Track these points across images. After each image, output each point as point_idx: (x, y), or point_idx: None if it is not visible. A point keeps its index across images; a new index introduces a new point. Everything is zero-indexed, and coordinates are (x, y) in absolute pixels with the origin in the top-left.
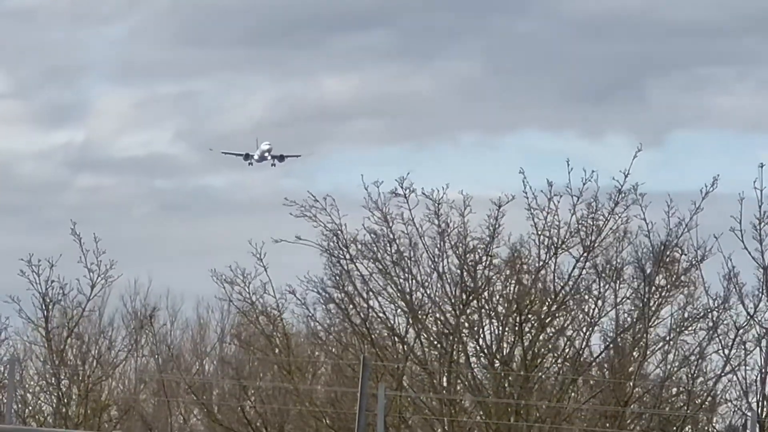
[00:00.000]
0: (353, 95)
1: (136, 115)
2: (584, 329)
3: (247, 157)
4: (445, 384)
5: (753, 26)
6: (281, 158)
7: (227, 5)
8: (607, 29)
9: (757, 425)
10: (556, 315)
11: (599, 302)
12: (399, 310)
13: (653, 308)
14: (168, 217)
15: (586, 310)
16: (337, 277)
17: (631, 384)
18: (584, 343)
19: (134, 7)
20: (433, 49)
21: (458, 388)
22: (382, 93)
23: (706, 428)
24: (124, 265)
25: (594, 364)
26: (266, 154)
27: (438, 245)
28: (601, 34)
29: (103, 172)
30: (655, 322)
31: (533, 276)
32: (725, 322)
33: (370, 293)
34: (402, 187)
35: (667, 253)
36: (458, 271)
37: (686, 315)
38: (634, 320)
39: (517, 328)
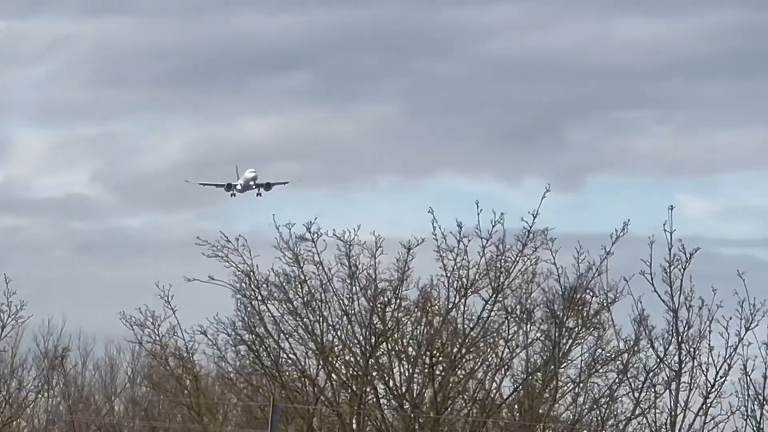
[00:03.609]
0: (273, 138)
1: (54, 156)
2: (494, 371)
3: (229, 187)
4: (354, 426)
5: (673, 71)
6: (268, 186)
7: (147, 48)
8: (527, 73)
9: None
10: (467, 357)
11: (509, 344)
12: (309, 351)
13: (563, 350)
14: (84, 259)
15: (497, 352)
16: (248, 319)
17: (542, 426)
18: (494, 385)
19: (54, 49)
20: (354, 92)
21: (368, 429)
22: (302, 135)
23: None
24: (38, 306)
25: (504, 405)
26: (251, 183)
27: (348, 287)
28: (522, 78)
29: (21, 213)
30: (566, 364)
31: (443, 318)
32: (635, 364)
33: (281, 335)
34: (310, 232)
35: (577, 296)
36: (367, 314)
37: (596, 357)
38: (545, 362)
39: (427, 371)
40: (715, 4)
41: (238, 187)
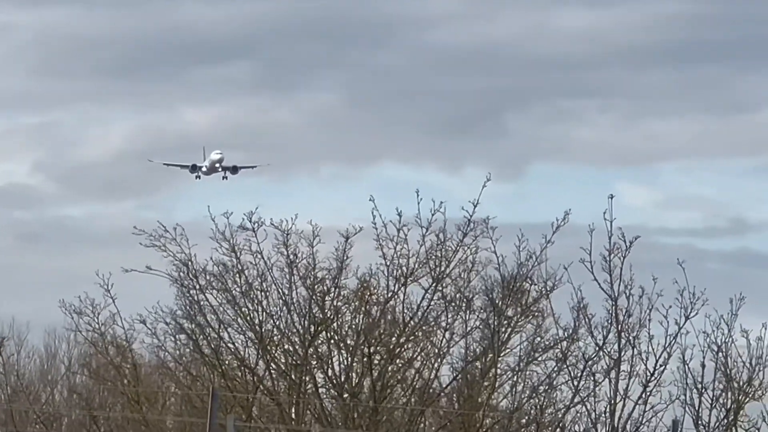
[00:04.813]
0: (214, 127)
1: None
2: (433, 360)
3: (193, 169)
4: (294, 415)
5: (615, 59)
6: (234, 170)
7: (88, 37)
8: (468, 62)
9: None
10: (405, 346)
11: (448, 333)
12: (249, 341)
13: (502, 338)
14: (25, 248)
15: (435, 341)
16: (187, 308)
17: (481, 415)
18: (433, 374)
19: None
20: (294, 81)
21: (307, 418)
22: (243, 125)
23: None
24: None
25: (443, 394)
26: (217, 165)
27: (286, 276)
28: (463, 67)
29: None
30: (505, 353)
31: (382, 307)
32: (574, 353)
33: (221, 324)
34: (251, 221)
35: (516, 284)
36: (306, 303)
37: (535, 345)
38: (483, 350)
39: (365, 360)
40: None
41: (204, 169)
